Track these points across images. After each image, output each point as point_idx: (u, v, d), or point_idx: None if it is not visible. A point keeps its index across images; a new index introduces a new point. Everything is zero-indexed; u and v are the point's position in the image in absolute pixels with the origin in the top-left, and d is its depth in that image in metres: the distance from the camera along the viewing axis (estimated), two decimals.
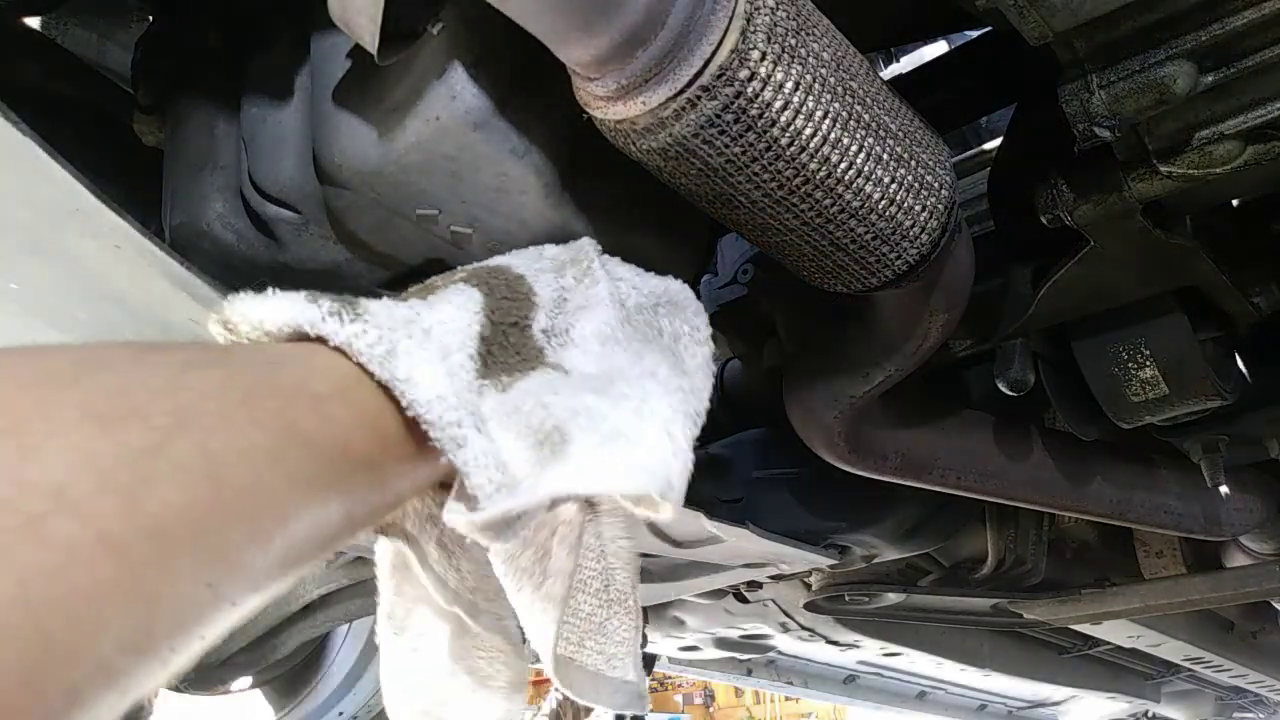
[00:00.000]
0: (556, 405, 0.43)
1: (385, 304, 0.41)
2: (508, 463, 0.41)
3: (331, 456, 0.36)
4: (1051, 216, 0.71)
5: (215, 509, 0.30)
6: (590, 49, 0.45)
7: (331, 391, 0.37)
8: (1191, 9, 0.54)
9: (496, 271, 0.48)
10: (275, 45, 0.61)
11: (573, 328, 0.49)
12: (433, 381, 0.39)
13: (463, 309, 0.43)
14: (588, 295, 0.51)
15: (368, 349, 0.38)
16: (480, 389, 0.43)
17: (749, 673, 2.04)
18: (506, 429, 0.42)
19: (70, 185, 0.47)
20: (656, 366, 0.48)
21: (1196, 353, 0.82)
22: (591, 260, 0.53)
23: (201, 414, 0.31)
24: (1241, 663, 1.84)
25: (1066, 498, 1.01)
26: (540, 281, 0.50)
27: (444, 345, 0.41)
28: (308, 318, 0.38)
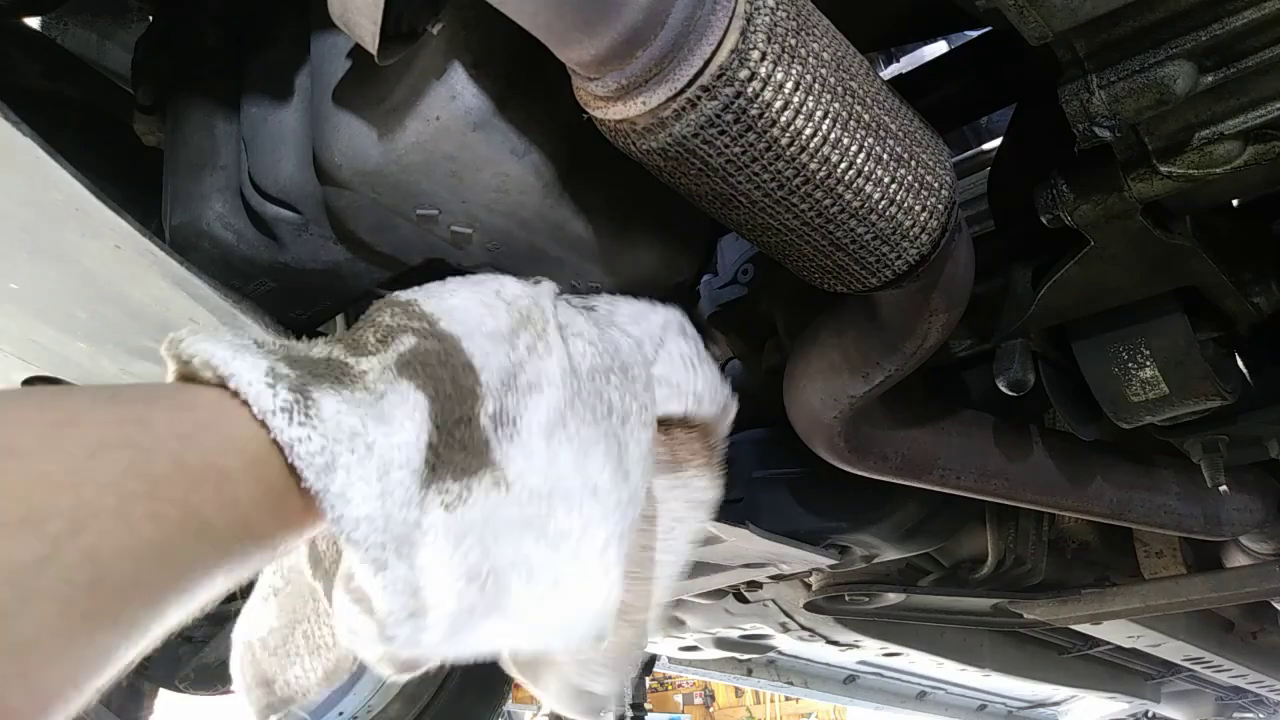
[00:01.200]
0: (497, 552, 0.43)
1: (337, 407, 0.40)
2: (423, 589, 0.41)
3: (227, 537, 0.36)
4: (1051, 216, 0.71)
5: (92, 617, 0.30)
6: (590, 49, 0.45)
7: (242, 468, 0.37)
8: (1191, 9, 0.54)
9: (446, 359, 0.46)
10: (275, 45, 0.61)
11: (520, 417, 0.48)
12: (364, 501, 0.39)
13: (409, 419, 0.42)
14: (539, 370, 0.49)
15: (308, 456, 0.38)
16: (423, 501, 0.42)
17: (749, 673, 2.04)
18: (440, 557, 0.42)
19: (70, 185, 0.47)
20: (599, 475, 0.48)
21: (1196, 353, 0.82)
22: (547, 322, 0.52)
23: (98, 515, 0.31)
24: (1241, 663, 1.84)
25: (1066, 498, 1.01)
26: (490, 360, 0.48)
27: (385, 461, 0.41)
28: (259, 404, 0.38)
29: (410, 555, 0.41)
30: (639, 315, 0.61)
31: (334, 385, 0.42)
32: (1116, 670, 2.17)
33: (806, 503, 1.10)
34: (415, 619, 0.41)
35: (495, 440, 0.46)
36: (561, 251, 0.61)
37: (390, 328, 0.47)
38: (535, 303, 0.53)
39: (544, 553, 0.44)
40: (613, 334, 0.57)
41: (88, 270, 0.53)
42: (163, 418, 0.37)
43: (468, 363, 0.47)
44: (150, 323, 0.58)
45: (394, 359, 0.45)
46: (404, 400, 0.43)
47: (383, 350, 0.46)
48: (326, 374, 0.43)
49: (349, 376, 0.43)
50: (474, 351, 0.47)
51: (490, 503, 0.45)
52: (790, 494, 1.10)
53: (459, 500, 0.44)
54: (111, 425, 0.34)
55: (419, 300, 0.50)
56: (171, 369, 0.41)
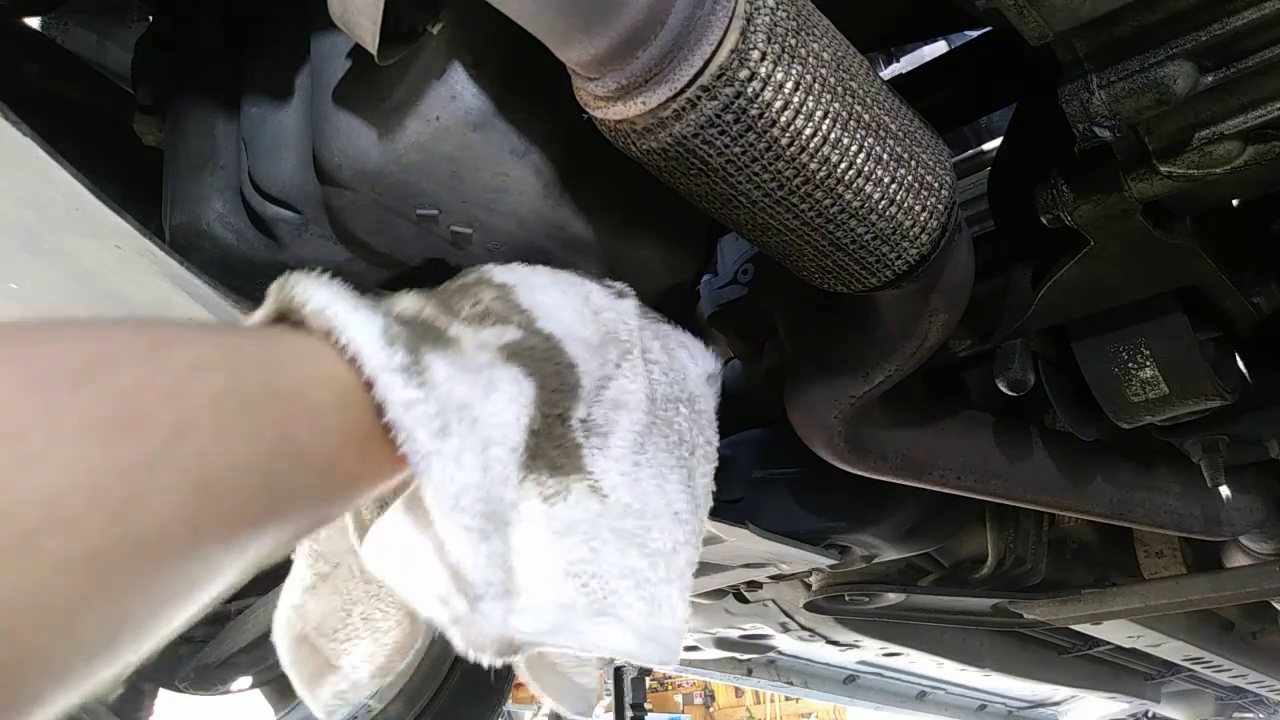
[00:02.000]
0: (605, 557, 0.44)
1: (448, 373, 0.40)
2: (515, 570, 0.42)
3: (320, 468, 0.36)
4: (1051, 216, 0.71)
5: (198, 524, 0.31)
6: (590, 49, 0.45)
7: (329, 400, 0.37)
8: (1191, 9, 0.54)
9: (551, 356, 0.47)
10: (275, 45, 0.61)
11: (610, 430, 0.49)
12: (471, 470, 0.39)
13: (514, 402, 0.43)
14: (624, 391, 0.51)
15: (424, 418, 0.38)
16: (521, 486, 0.43)
17: (749, 673, 2.04)
18: (537, 545, 0.43)
19: (70, 185, 0.47)
20: (678, 500, 0.49)
21: (1196, 353, 0.82)
22: (633, 343, 0.53)
23: (201, 425, 0.31)
24: (1241, 663, 1.84)
25: (1066, 498, 1.01)
26: (586, 367, 0.49)
27: (485, 438, 0.41)
28: (374, 361, 0.38)
29: (504, 533, 0.41)
30: (699, 353, 0.61)
31: (435, 347, 0.42)
32: (1116, 670, 2.17)
33: (806, 503, 1.10)
34: (502, 599, 0.41)
35: (587, 448, 0.47)
36: (562, 251, 0.61)
37: (488, 310, 0.48)
38: (621, 319, 0.54)
39: (645, 567, 0.45)
40: (680, 362, 0.58)
41: (88, 270, 0.53)
42: (256, 348, 0.37)
43: (570, 363, 0.48)
44: None
45: (498, 344, 0.46)
46: (514, 382, 0.44)
47: (478, 325, 0.47)
48: (428, 335, 0.43)
49: (445, 339, 0.44)
50: (573, 353, 0.48)
51: (590, 508, 0.46)
52: (790, 494, 1.10)
53: (558, 497, 0.45)
54: (208, 348, 0.35)
55: (516, 289, 0.51)
56: (269, 309, 0.41)
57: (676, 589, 0.46)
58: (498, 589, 0.40)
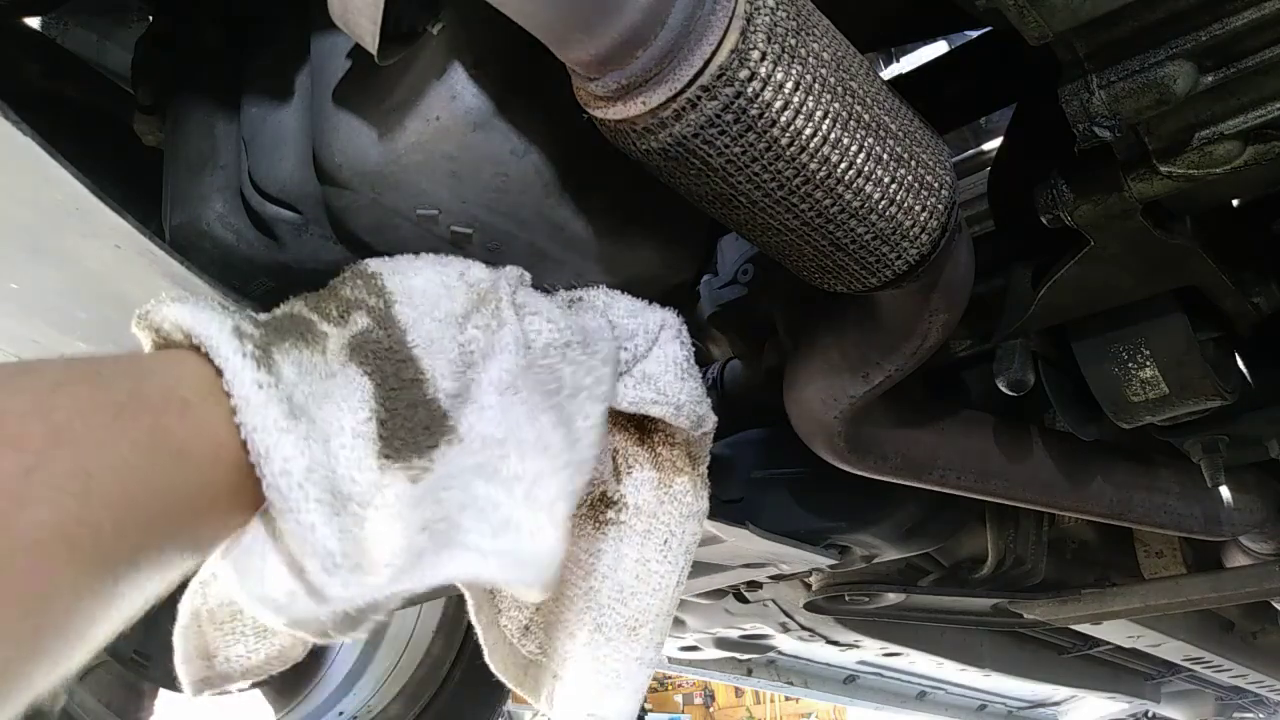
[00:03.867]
0: (448, 499, 0.44)
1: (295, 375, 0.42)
2: (368, 542, 0.42)
3: (204, 461, 0.37)
4: (1051, 216, 0.71)
5: (90, 524, 0.31)
6: (590, 49, 0.45)
7: (201, 398, 0.38)
8: (1191, 9, 0.54)
9: (392, 352, 0.48)
10: (275, 45, 0.61)
11: (475, 383, 0.50)
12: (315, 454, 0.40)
13: (346, 401, 0.45)
14: (493, 341, 0.51)
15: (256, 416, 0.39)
16: (384, 470, 0.44)
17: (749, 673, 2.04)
18: (396, 523, 0.43)
19: (70, 185, 0.47)
20: (550, 435, 0.48)
21: (1196, 353, 0.82)
22: (500, 299, 0.53)
23: (72, 433, 0.32)
24: (1241, 663, 1.84)
25: (1066, 498, 1.01)
26: (434, 347, 0.50)
27: (325, 432, 0.42)
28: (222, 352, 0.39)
29: (358, 515, 0.42)
30: (636, 310, 0.61)
31: (296, 344, 0.44)
32: (1117, 670, 2.17)
33: (806, 503, 1.10)
34: (350, 573, 0.41)
35: (453, 410, 0.48)
36: (562, 251, 0.61)
37: (349, 301, 0.49)
38: (494, 284, 0.55)
39: (496, 493, 0.45)
40: (586, 318, 0.58)
41: (88, 270, 0.53)
42: (115, 362, 0.38)
43: (409, 356, 0.49)
44: None
45: (348, 338, 0.47)
46: (349, 382, 0.45)
47: (342, 323, 0.48)
48: (291, 330, 0.45)
49: (313, 334, 0.46)
50: (419, 340, 0.50)
51: (446, 459, 0.46)
52: (790, 494, 1.10)
53: (425, 472, 0.45)
54: (64, 369, 0.35)
55: (383, 274, 0.52)
56: (147, 342, 0.42)
57: (543, 514, 0.45)
58: (346, 563, 0.40)
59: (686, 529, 0.63)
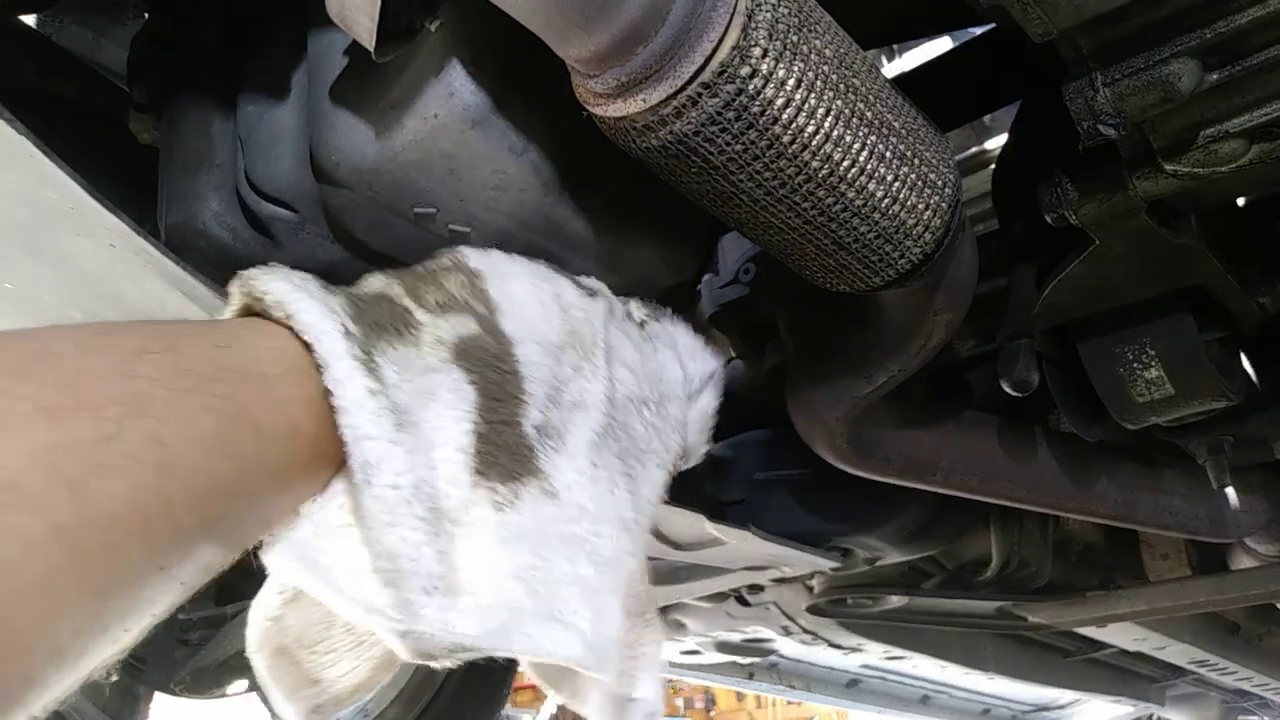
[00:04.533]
0: (553, 563, 0.44)
1: (396, 376, 0.41)
2: (459, 570, 0.41)
3: (281, 438, 0.36)
4: (1056, 215, 0.70)
5: (165, 495, 0.31)
6: (590, 46, 0.45)
7: (281, 373, 0.37)
8: (1196, 6, 0.54)
9: (498, 361, 0.47)
10: (272, 43, 0.60)
11: (567, 433, 0.48)
12: (399, 469, 0.39)
13: (452, 408, 0.44)
14: (583, 392, 0.50)
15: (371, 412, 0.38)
16: (474, 488, 0.43)
17: (751, 676, 2.03)
18: (485, 550, 0.42)
19: (65, 184, 0.47)
20: (626, 508, 0.48)
21: (1202, 353, 0.81)
22: (595, 345, 0.52)
23: (152, 402, 0.31)
24: (1247, 666, 1.83)
25: (1071, 499, 1.00)
26: (537, 372, 0.49)
27: (429, 440, 0.42)
28: (327, 348, 0.38)
29: (450, 533, 0.41)
30: (697, 352, 0.60)
31: (394, 340, 0.43)
32: (1121, 674, 2.16)
33: (809, 505, 1.10)
34: (445, 596, 0.40)
35: (541, 450, 0.47)
36: (561, 250, 0.61)
37: (454, 298, 0.48)
38: (588, 319, 0.53)
39: (595, 576, 0.45)
40: (662, 361, 0.57)
41: (83, 270, 0.52)
42: (198, 330, 0.38)
43: (516, 370, 0.47)
44: None
45: (453, 339, 0.46)
46: (456, 387, 0.44)
47: (440, 315, 0.47)
48: (388, 322, 0.44)
49: (409, 327, 0.44)
50: (523, 360, 0.48)
51: (541, 513, 0.45)
52: (792, 496, 1.10)
53: (508, 504, 0.44)
54: (149, 334, 0.35)
55: (485, 276, 0.51)
56: (237, 302, 0.42)
57: (618, 599, 0.46)
58: (442, 585, 0.40)
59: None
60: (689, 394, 0.59)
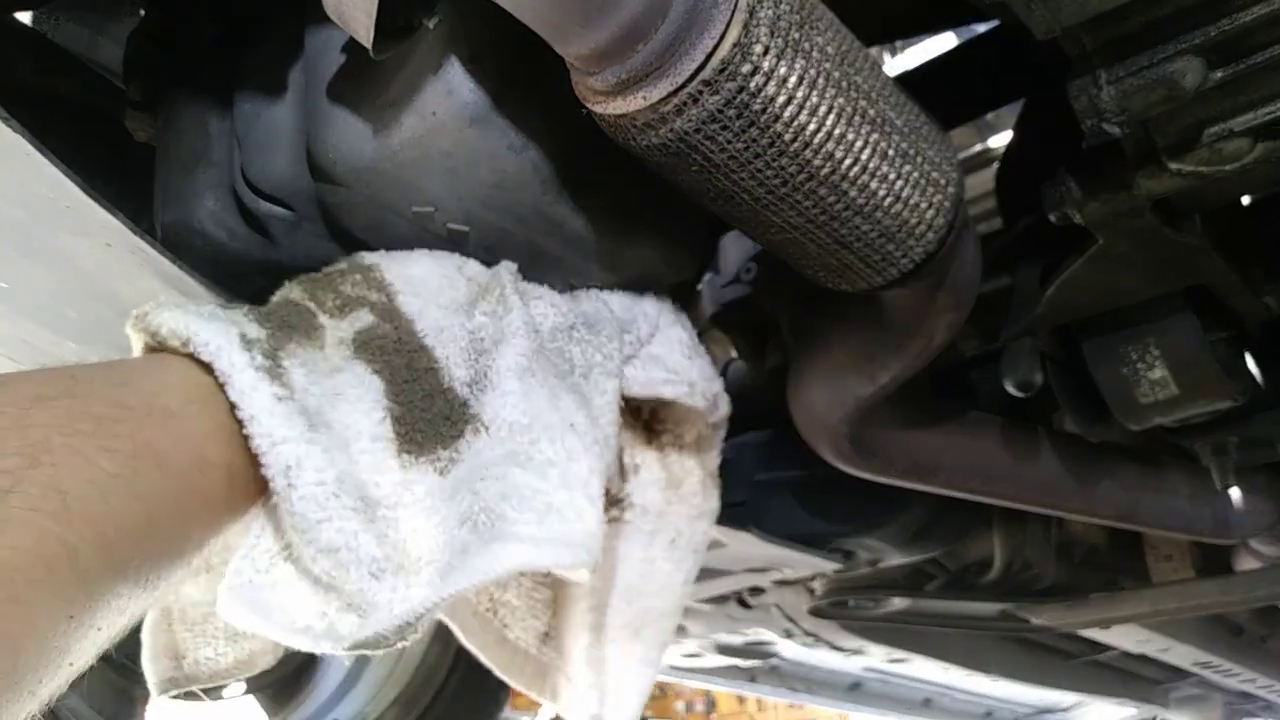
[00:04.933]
0: (484, 490, 0.43)
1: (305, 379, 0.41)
2: (408, 544, 0.42)
3: (188, 470, 0.36)
4: (1059, 214, 0.70)
5: (67, 544, 0.30)
6: (589, 43, 0.44)
7: (184, 404, 0.37)
8: (1200, 4, 0.53)
9: (401, 344, 0.47)
10: (269, 40, 0.60)
11: (491, 369, 0.49)
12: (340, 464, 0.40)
13: (360, 402, 0.44)
14: (502, 327, 0.51)
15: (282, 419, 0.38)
16: (408, 469, 0.43)
17: (752, 679, 2.02)
18: (432, 517, 0.43)
19: (61, 183, 0.46)
20: (573, 414, 0.48)
21: (1207, 353, 0.81)
22: (504, 286, 0.53)
23: (49, 450, 0.31)
24: (1251, 667, 1.83)
25: (1075, 500, 1.00)
26: (445, 335, 0.49)
27: (344, 439, 0.42)
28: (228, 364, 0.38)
29: (389, 518, 0.41)
30: (631, 302, 0.61)
31: (300, 341, 0.43)
32: (1124, 676, 2.16)
33: (811, 506, 1.09)
34: (395, 575, 0.40)
35: (473, 399, 0.48)
36: (560, 249, 0.60)
37: (349, 297, 0.49)
38: (496, 275, 0.54)
39: (533, 479, 0.45)
40: (584, 304, 0.58)
41: (79, 269, 0.52)
42: (96, 372, 0.37)
43: (422, 345, 0.48)
44: None
45: (352, 334, 0.46)
46: (360, 381, 0.44)
47: (340, 316, 0.47)
48: (294, 325, 0.44)
49: (313, 328, 0.45)
50: (428, 330, 0.49)
51: (475, 451, 0.46)
52: (794, 497, 1.09)
53: (449, 463, 0.45)
54: (44, 382, 0.35)
55: (381, 266, 0.52)
56: (138, 344, 0.42)
57: (581, 494, 0.45)
58: (389, 566, 0.40)
59: (695, 529, 0.62)
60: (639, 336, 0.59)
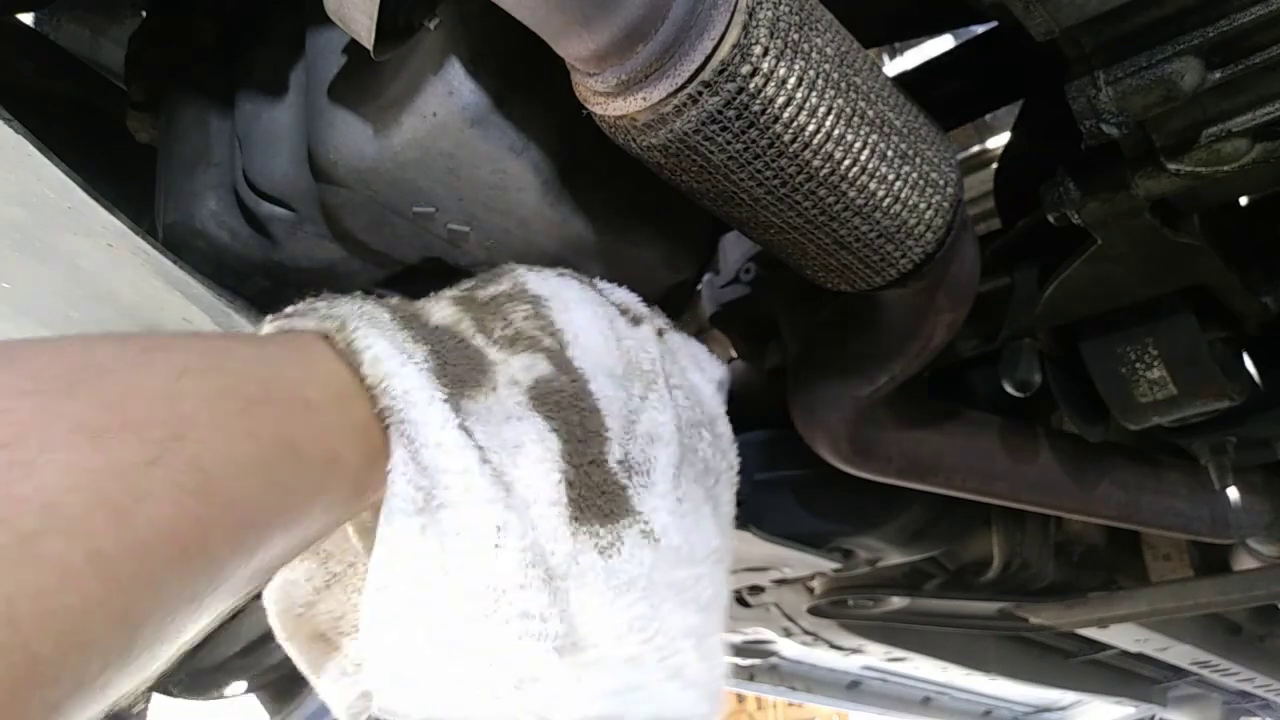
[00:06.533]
0: (666, 615, 0.43)
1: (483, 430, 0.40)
2: (578, 622, 0.41)
3: (320, 467, 0.36)
4: (1058, 214, 0.70)
5: (204, 524, 0.30)
6: (590, 44, 0.44)
7: (326, 399, 0.37)
8: (1198, 5, 0.53)
9: (576, 400, 0.45)
10: (270, 41, 0.60)
11: (651, 467, 0.47)
12: (526, 531, 0.39)
13: (541, 462, 0.42)
14: (655, 423, 0.49)
15: (466, 485, 0.38)
16: (574, 536, 0.42)
17: (751, 678, 2.02)
18: (599, 599, 0.42)
19: (63, 183, 0.46)
20: (711, 536, 0.48)
21: (1205, 353, 0.81)
22: (657, 373, 0.51)
23: (196, 425, 0.31)
24: (1249, 666, 1.83)
25: (1073, 500, 1.00)
26: (612, 406, 0.47)
27: (524, 499, 0.41)
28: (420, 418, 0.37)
29: (563, 589, 0.40)
30: (707, 363, 0.58)
31: (474, 391, 0.41)
32: (1123, 675, 2.16)
33: (810, 505, 1.09)
34: (575, 651, 0.39)
35: (631, 488, 0.46)
36: (560, 250, 0.60)
37: (520, 332, 0.47)
38: (642, 347, 0.52)
39: (699, 622, 0.44)
40: (694, 378, 0.56)
41: (80, 269, 0.52)
42: (245, 349, 0.37)
43: (594, 406, 0.46)
44: (143, 322, 0.58)
45: (529, 380, 0.44)
46: (540, 437, 0.43)
47: (511, 352, 0.45)
48: (468, 374, 0.42)
49: (484, 371, 0.43)
50: (599, 394, 0.47)
51: (645, 558, 0.44)
52: (793, 497, 1.10)
53: (612, 549, 0.43)
54: (197, 353, 0.34)
55: (549, 303, 0.49)
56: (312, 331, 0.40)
57: (720, 635, 0.46)
58: (564, 641, 0.39)
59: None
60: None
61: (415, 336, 0.42)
